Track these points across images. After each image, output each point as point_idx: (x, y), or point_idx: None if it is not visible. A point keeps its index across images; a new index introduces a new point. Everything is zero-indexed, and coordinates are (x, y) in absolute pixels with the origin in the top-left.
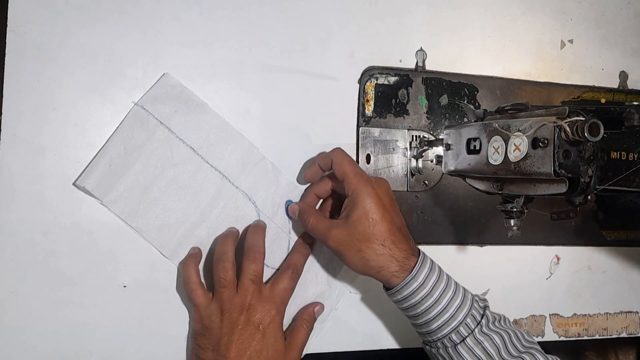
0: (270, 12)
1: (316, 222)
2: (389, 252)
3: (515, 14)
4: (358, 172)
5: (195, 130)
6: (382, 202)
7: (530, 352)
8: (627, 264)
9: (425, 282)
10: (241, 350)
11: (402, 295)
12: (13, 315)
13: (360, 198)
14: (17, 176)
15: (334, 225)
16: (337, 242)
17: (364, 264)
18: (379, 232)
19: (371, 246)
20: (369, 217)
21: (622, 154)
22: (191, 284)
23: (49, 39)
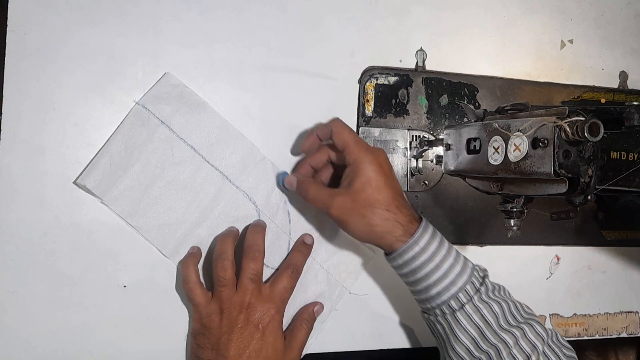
0: (270, 12)
1: (316, 192)
2: (393, 217)
3: (515, 14)
4: (358, 141)
5: (196, 129)
6: (383, 169)
7: (529, 323)
8: (627, 264)
9: (427, 247)
10: (240, 349)
11: (403, 259)
12: (13, 315)
13: (363, 166)
14: (17, 176)
15: (336, 194)
16: (340, 209)
17: (369, 230)
18: (383, 198)
19: (376, 212)
20: (372, 183)
21: (622, 154)
22: (190, 283)
23: (49, 39)
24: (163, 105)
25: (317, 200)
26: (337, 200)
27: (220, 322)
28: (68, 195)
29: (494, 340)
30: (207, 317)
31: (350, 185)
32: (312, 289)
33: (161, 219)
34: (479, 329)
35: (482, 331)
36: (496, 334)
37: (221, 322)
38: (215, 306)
